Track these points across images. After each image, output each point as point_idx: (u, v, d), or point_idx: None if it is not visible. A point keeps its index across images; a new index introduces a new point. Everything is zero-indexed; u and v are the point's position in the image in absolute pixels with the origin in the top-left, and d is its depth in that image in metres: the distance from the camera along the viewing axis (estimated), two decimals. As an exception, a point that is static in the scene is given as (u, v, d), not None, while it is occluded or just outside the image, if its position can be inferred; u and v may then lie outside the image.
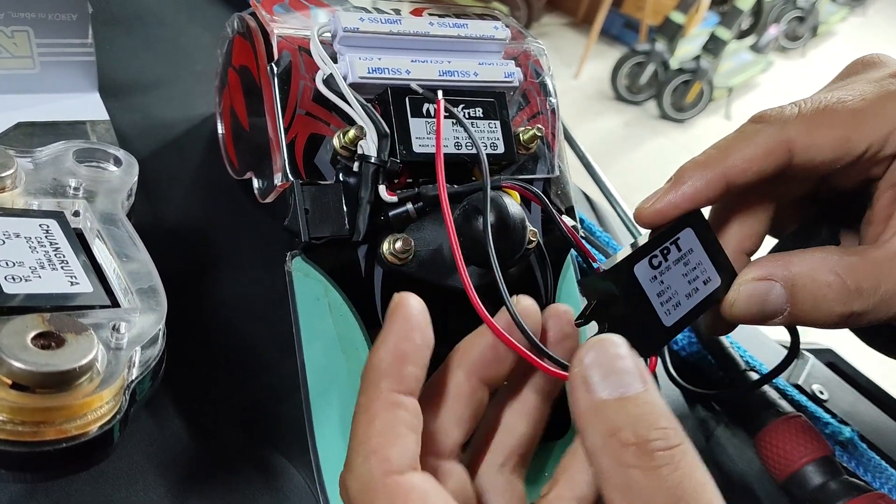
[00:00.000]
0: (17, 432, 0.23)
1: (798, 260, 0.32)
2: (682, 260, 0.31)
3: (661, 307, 0.30)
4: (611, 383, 0.24)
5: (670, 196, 0.32)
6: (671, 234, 0.31)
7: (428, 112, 0.36)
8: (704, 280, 0.31)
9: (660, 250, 0.30)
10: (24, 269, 0.28)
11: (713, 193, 0.32)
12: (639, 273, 0.29)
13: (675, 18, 2.96)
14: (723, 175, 0.32)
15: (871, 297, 0.31)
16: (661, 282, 0.30)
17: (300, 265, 0.34)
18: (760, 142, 0.32)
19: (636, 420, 0.23)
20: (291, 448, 0.36)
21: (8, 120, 0.42)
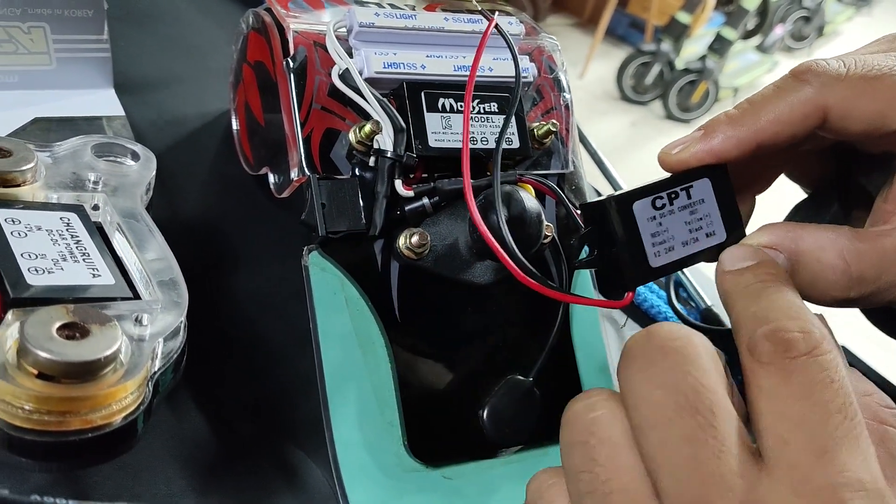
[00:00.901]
0: (43, 422, 0.23)
1: (808, 236, 0.31)
2: (688, 208, 0.31)
3: (651, 247, 0.30)
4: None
5: (697, 148, 0.31)
6: (685, 181, 0.31)
7: (443, 107, 0.36)
8: (708, 233, 0.31)
9: (667, 193, 0.30)
10: (47, 261, 0.28)
11: (742, 153, 0.31)
12: (637, 210, 0.29)
13: (680, 18, 2.96)
14: (754, 136, 0.31)
15: (870, 286, 0.31)
16: (660, 223, 0.30)
17: (317, 259, 0.35)
18: (797, 104, 0.31)
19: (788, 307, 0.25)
20: (309, 442, 0.36)
21: (25, 115, 0.42)
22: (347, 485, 0.33)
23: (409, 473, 0.34)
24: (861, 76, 0.30)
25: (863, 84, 0.30)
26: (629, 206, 0.29)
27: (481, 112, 0.37)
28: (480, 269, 0.36)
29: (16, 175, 0.31)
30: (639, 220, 0.29)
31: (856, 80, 0.30)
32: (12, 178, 0.31)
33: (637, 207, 0.29)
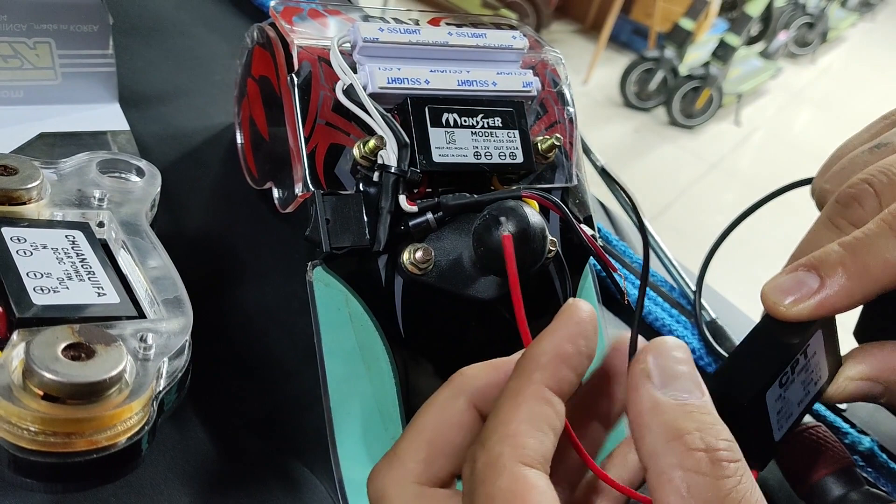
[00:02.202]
0: (49, 443, 0.23)
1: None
2: (805, 368, 0.29)
3: (776, 423, 0.29)
4: (674, 387, 0.24)
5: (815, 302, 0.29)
6: (803, 343, 0.29)
7: (448, 122, 0.36)
8: (815, 380, 0.30)
9: (790, 366, 0.28)
10: (52, 280, 0.28)
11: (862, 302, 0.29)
12: (769, 397, 0.28)
13: (684, 25, 2.96)
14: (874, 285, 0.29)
15: None
16: (784, 398, 0.29)
17: (321, 275, 0.35)
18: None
19: (703, 427, 0.23)
20: (314, 458, 0.36)
21: (30, 131, 0.42)
22: (352, 500, 0.33)
23: (414, 489, 0.34)
24: None
25: None
26: (762, 399, 0.28)
27: (485, 127, 0.37)
28: (484, 285, 0.36)
29: (21, 193, 0.31)
30: (769, 407, 0.28)
31: None
32: (18, 196, 0.31)
33: (769, 395, 0.28)
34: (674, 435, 0.23)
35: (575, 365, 0.25)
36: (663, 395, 0.24)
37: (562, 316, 0.26)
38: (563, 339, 0.25)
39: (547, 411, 0.24)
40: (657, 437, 0.23)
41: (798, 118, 3.45)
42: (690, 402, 0.24)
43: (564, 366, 0.25)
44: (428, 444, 0.26)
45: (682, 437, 0.23)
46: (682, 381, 0.24)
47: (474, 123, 0.37)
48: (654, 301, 0.51)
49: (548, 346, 0.25)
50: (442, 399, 0.27)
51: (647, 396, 0.24)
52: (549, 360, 0.25)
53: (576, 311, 0.26)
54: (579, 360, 0.25)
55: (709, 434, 0.23)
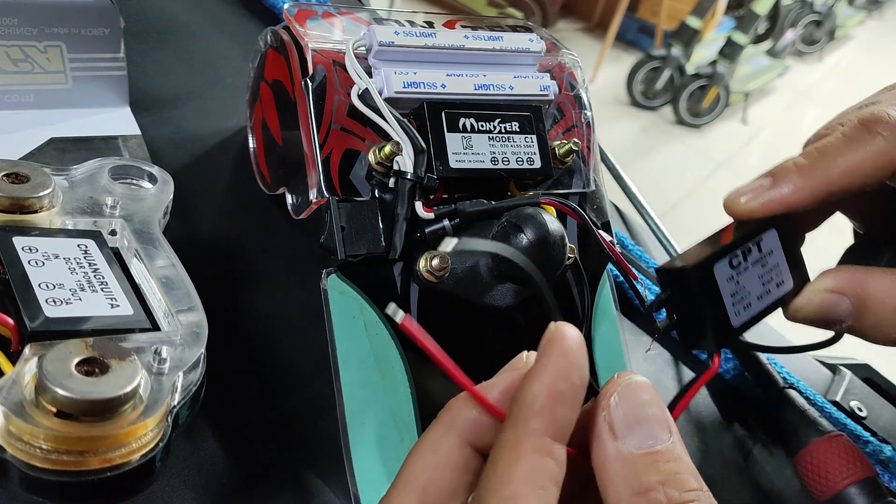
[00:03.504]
0: (62, 462, 0.22)
1: (874, 280, 0.31)
2: (760, 261, 0.31)
3: (732, 307, 0.30)
4: (639, 434, 0.23)
5: (767, 198, 0.31)
6: (755, 234, 0.31)
7: (464, 127, 0.36)
8: (778, 283, 0.31)
9: (741, 250, 0.30)
10: (65, 291, 0.27)
11: (812, 202, 0.31)
12: (718, 272, 0.29)
13: (690, 23, 2.95)
14: (826, 187, 0.30)
15: None
16: (737, 282, 0.30)
17: (335, 283, 0.34)
18: (869, 157, 0.30)
19: (667, 479, 0.22)
20: (327, 467, 0.35)
21: (41, 136, 0.42)
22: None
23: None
24: None
25: None
26: (710, 271, 0.29)
27: (502, 132, 0.37)
28: (501, 292, 0.36)
29: (33, 201, 0.30)
30: (720, 283, 0.29)
31: None
32: (30, 205, 0.30)
33: (718, 270, 0.29)
34: (637, 489, 0.22)
35: (571, 403, 0.23)
36: (626, 446, 0.23)
37: (548, 349, 0.24)
38: (556, 377, 0.23)
39: (547, 464, 0.22)
40: (622, 490, 0.23)
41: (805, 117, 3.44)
42: (656, 450, 0.23)
43: (561, 407, 0.23)
44: (422, 490, 0.24)
45: (645, 492, 0.22)
46: (647, 426, 0.23)
47: (491, 128, 0.36)
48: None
49: (540, 388, 0.23)
50: (432, 439, 0.25)
51: (611, 448, 0.23)
52: (544, 403, 0.23)
53: (562, 341, 0.24)
54: (575, 396, 0.23)
55: (673, 486, 0.22)
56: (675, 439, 0.23)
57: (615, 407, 0.24)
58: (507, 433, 0.23)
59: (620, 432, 0.23)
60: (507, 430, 0.23)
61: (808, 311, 0.32)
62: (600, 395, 0.24)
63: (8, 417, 0.22)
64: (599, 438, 0.24)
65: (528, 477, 0.22)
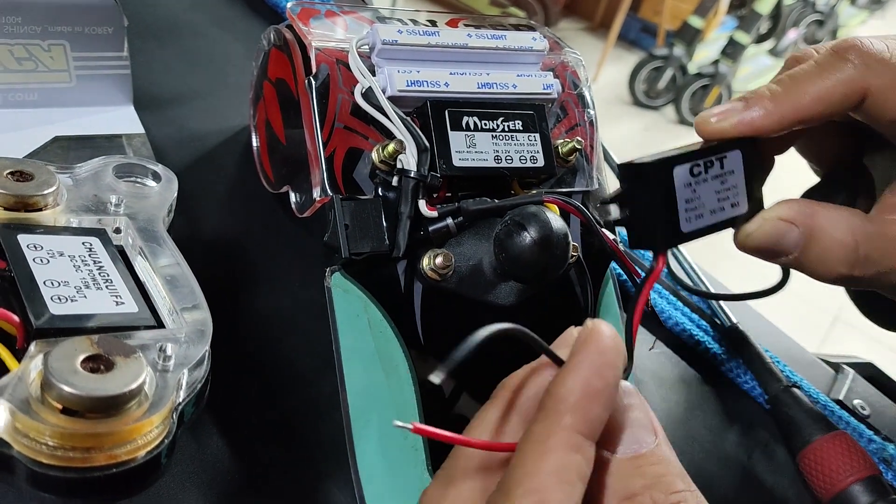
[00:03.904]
0: (68, 458, 0.22)
1: (823, 213, 0.32)
2: (720, 178, 0.31)
3: (684, 212, 0.30)
4: (623, 439, 0.23)
5: (737, 120, 0.31)
6: (720, 151, 0.31)
7: (468, 125, 0.36)
8: (733, 203, 0.32)
9: (703, 162, 0.31)
10: (70, 288, 0.27)
11: (781, 128, 0.31)
12: (677, 175, 0.30)
13: (693, 23, 2.94)
14: (795, 114, 0.31)
15: (873, 268, 0.32)
16: (694, 190, 0.31)
17: (339, 281, 0.34)
18: (838, 83, 0.31)
19: (653, 482, 0.22)
20: (332, 464, 0.35)
21: (45, 134, 0.42)
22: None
23: (434, 499, 0.33)
24: None
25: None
26: (670, 171, 0.30)
27: (505, 130, 0.37)
28: (505, 291, 0.36)
29: (38, 199, 0.31)
30: (677, 185, 0.30)
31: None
32: (34, 203, 0.30)
33: (677, 172, 0.30)
34: (626, 495, 0.23)
35: (605, 401, 0.23)
36: (611, 454, 0.23)
37: (584, 346, 0.23)
38: (591, 374, 0.23)
39: (576, 460, 0.22)
40: (612, 497, 0.23)
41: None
42: (640, 454, 0.23)
43: (595, 404, 0.23)
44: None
45: (632, 497, 0.22)
46: (630, 431, 0.23)
47: (494, 127, 0.36)
48: (675, 305, 0.51)
49: (574, 383, 0.23)
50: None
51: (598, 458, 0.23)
52: (578, 400, 0.23)
53: (600, 339, 0.23)
54: (609, 395, 0.23)
55: (658, 489, 0.22)
56: (659, 441, 0.24)
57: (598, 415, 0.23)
58: (537, 426, 0.23)
59: (606, 439, 0.23)
60: (538, 423, 0.23)
61: (758, 237, 0.32)
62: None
63: (14, 414, 0.22)
64: None
65: (556, 471, 0.22)
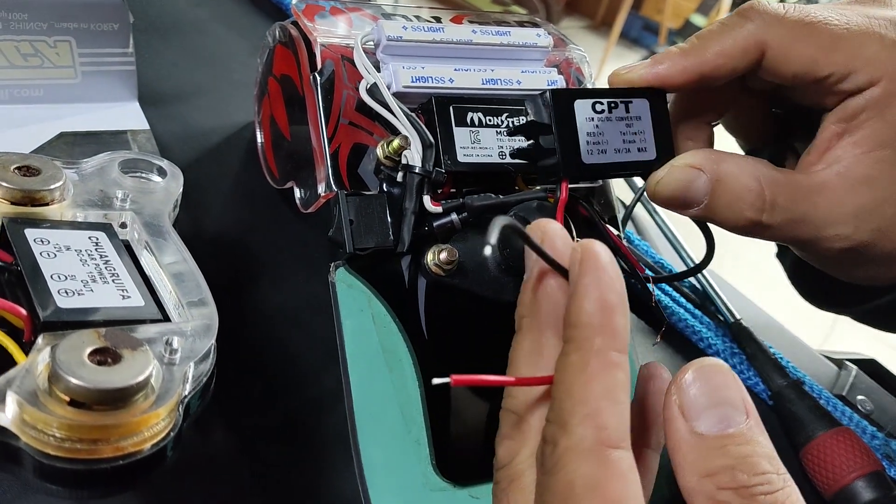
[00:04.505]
0: (75, 450, 0.23)
1: (730, 159, 0.34)
2: (625, 120, 0.33)
3: (586, 145, 0.32)
4: (712, 416, 0.23)
5: (643, 70, 0.34)
6: (626, 95, 0.34)
7: (472, 121, 0.36)
8: (640, 147, 0.34)
9: (607, 101, 0.33)
10: (77, 282, 0.27)
11: (686, 81, 0.34)
12: (578, 108, 0.32)
13: (695, 21, 2.95)
14: (698, 67, 0.33)
15: (781, 215, 0.33)
16: (597, 125, 0.33)
17: (344, 276, 0.34)
18: (739, 39, 0.33)
19: (737, 462, 0.22)
20: (335, 459, 0.35)
21: (50, 130, 0.42)
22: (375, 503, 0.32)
23: (437, 492, 0.33)
24: (798, 20, 0.33)
25: (799, 28, 0.33)
26: (571, 102, 0.32)
27: (510, 126, 0.37)
28: (509, 286, 0.36)
29: (45, 194, 0.31)
30: (577, 117, 0.32)
31: (793, 22, 0.33)
32: (41, 198, 0.31)
33: (578, 105, 0.32)
34: (707, 472, 0.22)
35: (623, 310, 0.24)
36: (699, 428, 0.23)
37: (585, 268, 0.24)
38: (603, 290, 0.24)
39: (619, 377, 0.23)
40: (692, 472, 0.23)
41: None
42: (728, 433, 0.23)
43: (616, 317, 0.23)
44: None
45: (714, 474, 0.22)
46: (721, 409, 0.23)
47: (499, 123, 0.36)
48: (678, 302, 0.51)
49: (592, 305, 0.23)
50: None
51: (682, 430, 0.23)
52: (601, 320, 0.23)
53: (596, 257, 0.24)
54: (624, 304, 0.24)
55: (743, 469, 0.22)
56: (751, 422, 0.23)
57: (687, 389, 0.24)
58: (571, 357, 0.23)
59: (691, 414, 0.23)
60: (571, 353, 0.23)
61: (667, 183, 0.34)
62: (674, 378, 0.25)
63: (22, 406, 0.23)
64: (671, 421, 0.24)
65: (605, 393, 0.23)
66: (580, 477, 0.22)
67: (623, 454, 0.22)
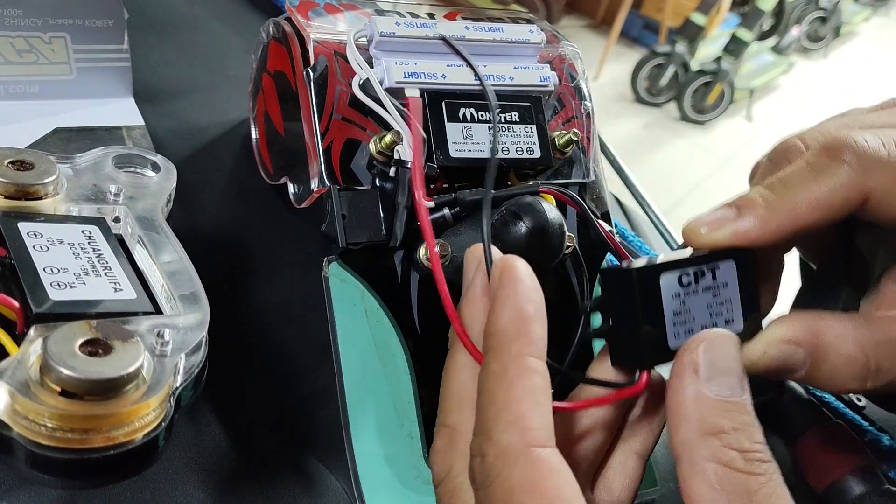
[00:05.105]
0: (66, 439, 0.23)
1: (828, 327, 0.29)
2: (711, 290, 0.29)
3: (672, 327, 0.28)
4: (721, 382, 0.25)
5: (729, 231, 0.29)
6: (712, 260, 0.29)
7: (464, 117, 0.36)
8: (727, 319, 0.29)
9: (694, 271, 0.28)
10: (69, 275, 0.28)
11: (778, 239, 0.29)
12: (664, 284, 0.28)
13: (695, 20, 2.94)
14: (792, 223, 0.28)
15: (886, 377, 0.30)
16: (683, 302, 0.28)
17: (337, 270, 0.34)
18: (837, 188, 0.28)
19: (740, 427, 0.24)
20: (329, 453, 0.35)
21: (45, 126, 0.42)
22: (367, 496, 0.33)
23: (429, 486, 0.34)
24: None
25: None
26: (656, 279, 0.28)
27: (502, 122, 0.37)
28: (501, 280, 0.36)
29: (38, 188, 0.31)
30: (664, 296, 0.28)
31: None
32: (34, 191, 0.31)
33: (664, 282, 0.28)
34: (711, 430, 0.24)
35: (541, 319, 0.25)
36: (707, 389, 0.24)
37: (504, 280, 0.25)
38: (521, 300, 0.25)
39: (538, 381, 0.24)
40: (694, 429, 0.24)
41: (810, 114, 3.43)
42: (732, 400, 0.24)
43: (534, 325, 0.25)
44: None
45: (719, 433, 0.24)
46: (727, 378, 0.25)
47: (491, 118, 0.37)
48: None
49: (510, 314, 0.25)
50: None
51: (691, 388, 0.25)
52: (519, 328, 0.25)
53: (514, 270, 0.26)
54: (542, 313, 0.25)
55: (744, 434, 0.24)
56: (748, 398, 0.25)
57: (703, 352, 0.25)
58: (491, 365, 0.25)
59: (704, 375, 0.25)
60: (491, 362, 0.25)
61: (765, 364, 0.29)
62: (690, 341, 0.26)
63: (14, 396, 0.23)
64: (681, 377, 0.25)
65: (525, 397, 0.23)
66: (516, 482, 0.22)
67: (551, 452, 0.23)
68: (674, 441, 0.25)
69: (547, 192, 0.37)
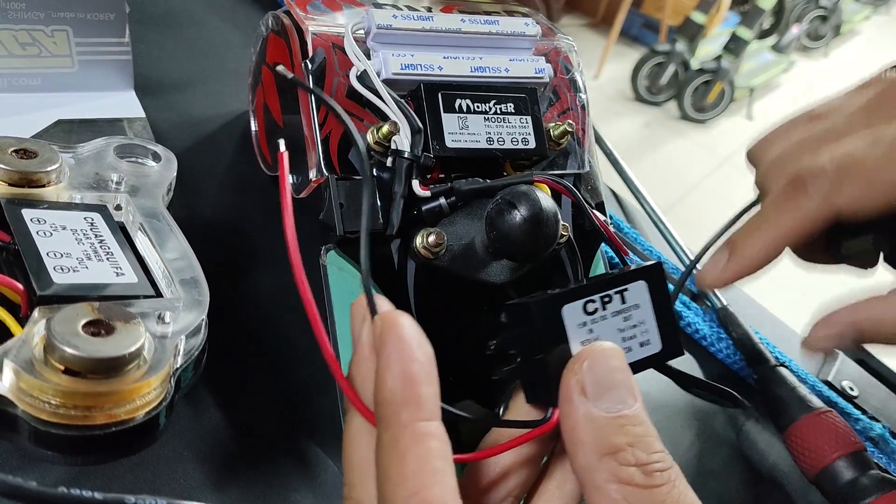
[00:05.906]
0: (69, 416, 0.23)
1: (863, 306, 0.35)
2: (622, 314, 0.28)
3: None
4: (609, 398, 0.24)
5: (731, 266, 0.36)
6: (620, 283, 0.28)
7: (460, 108, 0.37)
8: (642, 342, 0.28)
9: (600, 296, 0.27)
10: (72, 260, 0.28)
11: (770, 258, 0.35)
12: (567, 314, 0.27)
13: (695, 18, 2.94)
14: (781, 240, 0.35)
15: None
16: (591, 331, 0.27)
17: (334, 259, 0.35)
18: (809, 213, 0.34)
19: (635, 441, 0.23)
20: (327, 439, 0.36)
21: (48, 118, 0.43)
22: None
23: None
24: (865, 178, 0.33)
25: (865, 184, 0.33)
26: (558, 310, 0.27)
27: (497, 113, 0.37)
28: (497, 269, 0.36)
29: (41, 176, 0.32)
30: (568, 327, 0.27)
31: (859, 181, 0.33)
32: (38, 179, 0.31)
33: (566, 311, 0.27)
34: (607, 450, 0.23)
35: (428, 378, 0.23)
36: (596, 409, 0.24)
37: (385, 340, 0.24)
38: (404, 363, 0.23)
39: (433, 445, 0.22)
40: (590, 451, 0.24)
41: (811, 113, 3.42)
42: (623, 414, 0.24)
43: (421, 386, 0.23)
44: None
45: (616, 452, 0.23)
46: (615, 392, 0.24)
47: (487, 109, 0.37)
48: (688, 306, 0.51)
49: (394, 380, 0.23)
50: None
51: (581, 409, 0.24)
52: (405, 393, 0.23)
53: (395, 328, 0.24)
54: (429, 371, 0.24)
55: (640, 448, 0.23)
56: (639, 405, 0.24)
57: (587, 371, 0.24)
58: (382, 436, 0.23)
59: (592, 395, 0.24)
60: (382, 432, 0.23)
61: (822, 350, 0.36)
62: (572, 360, 0.25)
63: (18, 374, 0.23)
64: (570, 400, 0.24)
65: (420, 467, 0.22)
66: None
67: None
68: (574, 466, 0.24)
69: (541, 182, 0.37)
